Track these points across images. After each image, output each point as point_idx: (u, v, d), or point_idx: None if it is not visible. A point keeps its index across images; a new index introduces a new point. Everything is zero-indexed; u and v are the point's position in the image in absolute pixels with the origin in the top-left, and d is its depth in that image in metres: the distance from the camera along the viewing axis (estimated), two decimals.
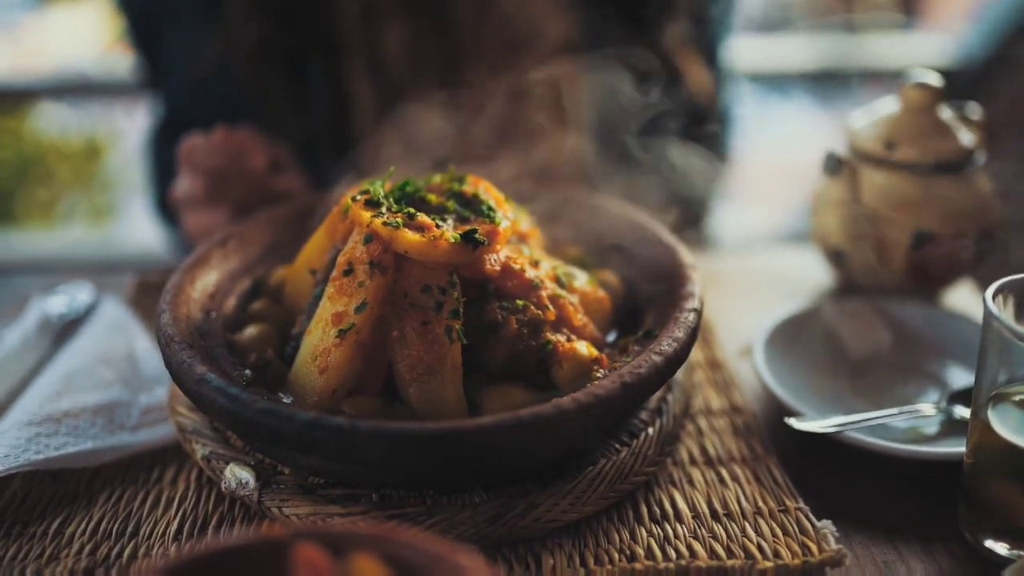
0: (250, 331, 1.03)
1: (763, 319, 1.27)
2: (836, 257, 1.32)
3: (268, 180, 1.37)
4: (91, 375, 1.12)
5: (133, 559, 0.89)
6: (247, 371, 0.95)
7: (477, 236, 0.94)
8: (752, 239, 3.06)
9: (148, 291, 1.41)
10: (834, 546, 0.89)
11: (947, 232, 1.27)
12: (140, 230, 4.01)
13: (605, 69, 1.68)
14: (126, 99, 4.27)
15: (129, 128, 4.42)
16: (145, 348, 1.21)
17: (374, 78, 1.66)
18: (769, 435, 1.08)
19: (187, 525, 0.94)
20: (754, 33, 4.14)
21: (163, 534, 0.93)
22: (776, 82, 3.88)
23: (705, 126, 1.79)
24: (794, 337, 1.22)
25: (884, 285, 1.33)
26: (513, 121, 1.58)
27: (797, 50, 3.98)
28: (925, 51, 3.93)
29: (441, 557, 0.64)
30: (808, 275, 1.50)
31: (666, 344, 0.93)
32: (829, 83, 4.32)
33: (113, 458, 1.03)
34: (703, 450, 1.06)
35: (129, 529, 0.94)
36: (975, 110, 1.37)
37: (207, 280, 1.09)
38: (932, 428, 1.09)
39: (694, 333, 0.97)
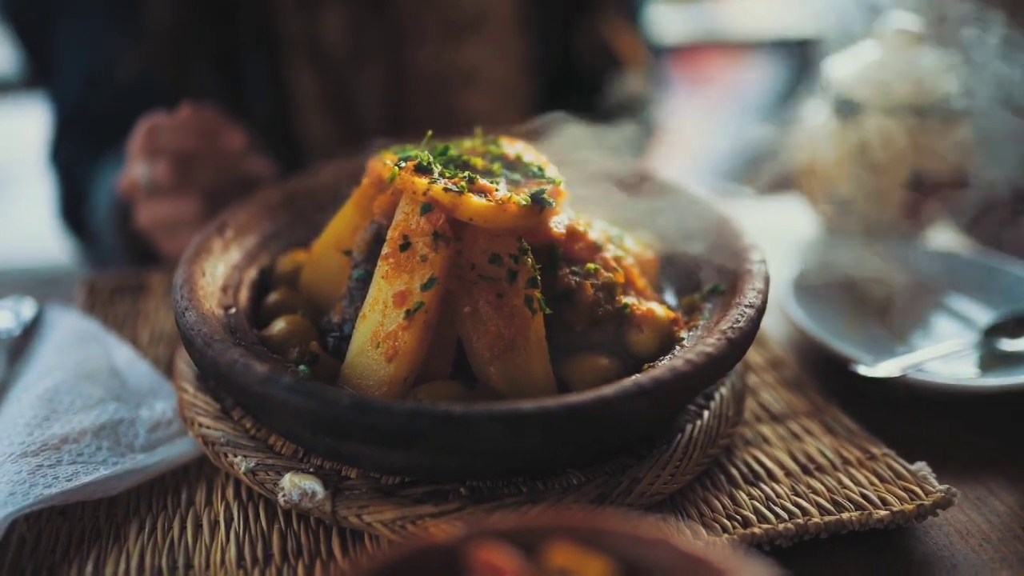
0: (280, 325, 0.91)
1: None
2: (840, 203, 1.32)
3: (241, 162, 1.23)
4: (77, 393, 0.97)
5: None
6: (301, 367, 0.83)
7: (545, 196, 0.87)
8: None
9: (101, 297, 1.25)
10: (939, 487, 0.87)
11: (941, 172, 1.28)
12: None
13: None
14: None
15: None
16: (127, 358, 1.06)
17: (315, 67, 1.55)
18: (823, 386, 1.06)
19: (247, 548, 0.82)
20: None
21: (222, 562, 0.81)
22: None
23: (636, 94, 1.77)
24: (814, 287, 1.20)
25: (880, 227, 1.34)
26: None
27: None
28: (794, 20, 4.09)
29: (664, 544, 0.56)
30: (789, 225, 1.49)
31: (752, 296, 0.89)
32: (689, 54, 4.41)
33: (132, 483, 0.89)
34: (763, 407, 1.02)
35: (180, 562, 0.81)
36: (947, 54, 1.39)
37: (215, 272, 0.96)
38: (971, 362, 1.09)
39: (769, 281, 0.93)
